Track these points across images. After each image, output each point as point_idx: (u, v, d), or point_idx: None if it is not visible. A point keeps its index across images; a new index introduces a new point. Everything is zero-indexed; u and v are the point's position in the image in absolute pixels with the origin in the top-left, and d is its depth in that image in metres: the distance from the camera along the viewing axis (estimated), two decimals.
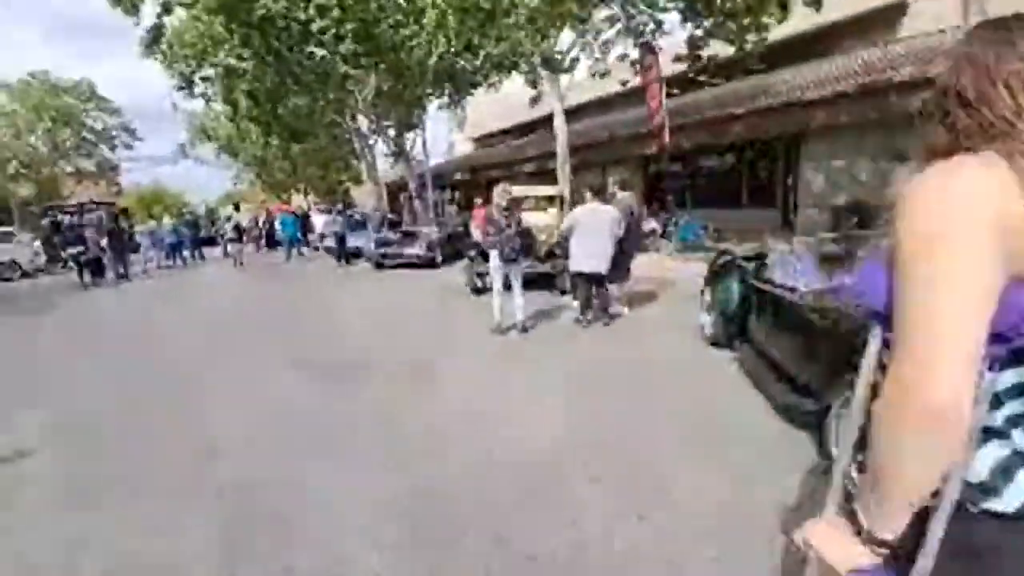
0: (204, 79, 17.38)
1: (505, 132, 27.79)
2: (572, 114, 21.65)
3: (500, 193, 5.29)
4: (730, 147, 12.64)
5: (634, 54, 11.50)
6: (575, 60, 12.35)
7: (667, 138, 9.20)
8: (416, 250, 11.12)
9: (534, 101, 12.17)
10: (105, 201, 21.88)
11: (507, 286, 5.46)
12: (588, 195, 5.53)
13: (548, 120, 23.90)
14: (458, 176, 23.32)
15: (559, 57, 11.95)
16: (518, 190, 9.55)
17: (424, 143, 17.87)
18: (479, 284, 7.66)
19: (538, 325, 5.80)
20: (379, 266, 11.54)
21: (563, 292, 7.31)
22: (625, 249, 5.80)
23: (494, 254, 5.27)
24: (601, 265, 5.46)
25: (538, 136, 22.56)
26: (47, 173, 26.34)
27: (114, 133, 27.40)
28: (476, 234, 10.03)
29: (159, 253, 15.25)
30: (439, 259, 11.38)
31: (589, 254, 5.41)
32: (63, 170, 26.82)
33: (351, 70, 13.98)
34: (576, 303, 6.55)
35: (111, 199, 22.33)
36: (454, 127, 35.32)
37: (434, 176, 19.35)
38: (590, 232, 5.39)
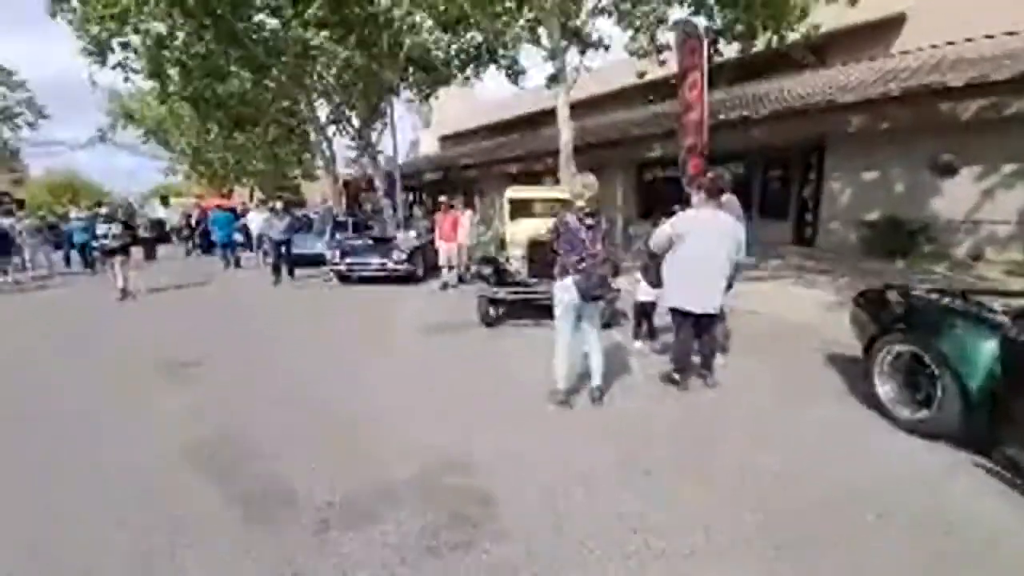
0: (124, 45, 13.94)
1: (475, 131, 25.76)
2: (548, 114, 20.15)
3: (579, 187, 3.22)
4: (740, 153, 11.30)
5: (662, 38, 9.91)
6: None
7: (706, 137, 7.55)
8: (391, 261, 8.80)
9: (552, 79, 10.10)
10: None
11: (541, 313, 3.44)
12: (699, 195, 3.60)
13: (525, 120, 22.28)
14: (428, 176, 20.89)
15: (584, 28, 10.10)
16: (528, 192, 7.56)
17: (394, 135, 15.42)
18: (492, 313, 5.57)
19: (609, 385, 3.80)
20: (344, 279, 9.09)
21: (607, 325, 5.39)
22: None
23: (566, 286, 3.23)
24: (716, 300, 3.57)
25: (519, 136, 20.69)
26: None
27: (17, 110, 22.60)
28: (442, 247, 8.44)
29: (45, 256, 11.83)
30: (420, 271, 9.14)
31: (700, 283, 3.51)
32: None
33: (316, 40, 11.36)
34: (638, 344, 4.67)
35: (3, 191, 18.01)
36: (419, 124, 33.05)
37: (402, 175, 16.92)
38: (703, 250, 3.48)
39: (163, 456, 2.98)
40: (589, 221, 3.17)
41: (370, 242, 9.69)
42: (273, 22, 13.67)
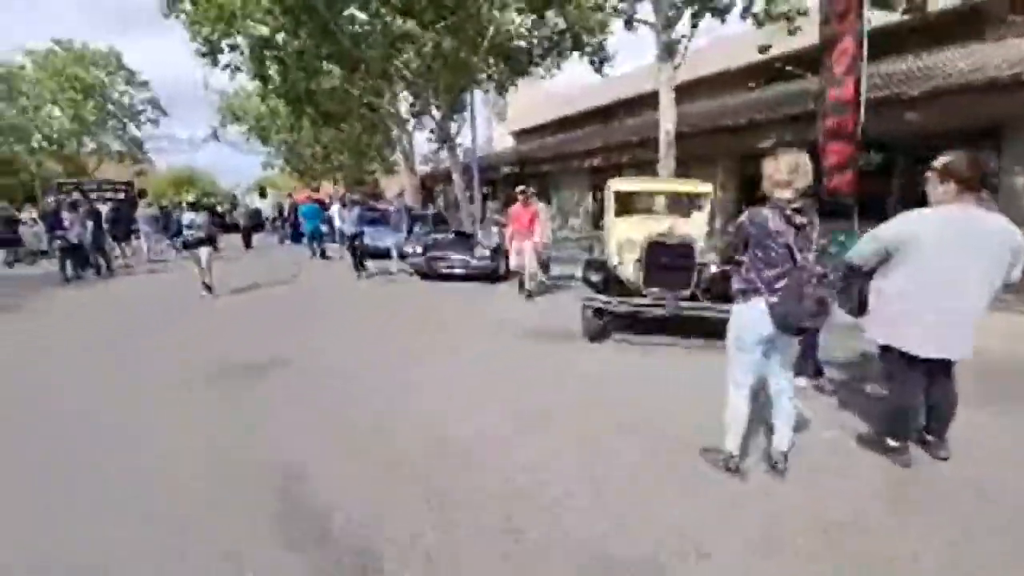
0: (232, 47, 14.60)
1: (549, 125, 24.79)
2: (626, 104, 18.70)
3: (784, 169, 2.17)
4: (883, 142, 9.39)
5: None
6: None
7: (861, 117, 6.09)
8: (474, 258, 8.16)
9: (667, 50, 8.67)
10: (121, 182, 19.44)
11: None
12: (944, 185, 2.44)
13: (602, 112, 20.98)
14: (505, 170, 20.28)
15: None
16: (638, 184, 6.51)
17: (473, 126, 14.90)
18: (597, 322, 4.67)
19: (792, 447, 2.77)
20: (426, 276, 8.60)
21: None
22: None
23: (756, 311, 2.26)
24: (966, 341, 2.43)
25: (596, 128, 19.49)
26: (69, 149, 24.13)
27: (140, 108, 25.03)
28: (516, 247, 7.07)
29: (158, 242, 12.63)
30: (503, 270, 8.42)
31: (944, 315, 2.38)
32: (86, 147, 24.55)
33: (403, 26, 11.03)
34: (802, 381, 3.55)
35: (128, 180, 19.86)
36: (493, 120, 32.66)
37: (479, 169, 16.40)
38: (951, 266, 2.35)
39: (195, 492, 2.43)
40: (799, 219, 2.17)
41: (451, 237, 9.14)
42: (362, 15, 13.65)
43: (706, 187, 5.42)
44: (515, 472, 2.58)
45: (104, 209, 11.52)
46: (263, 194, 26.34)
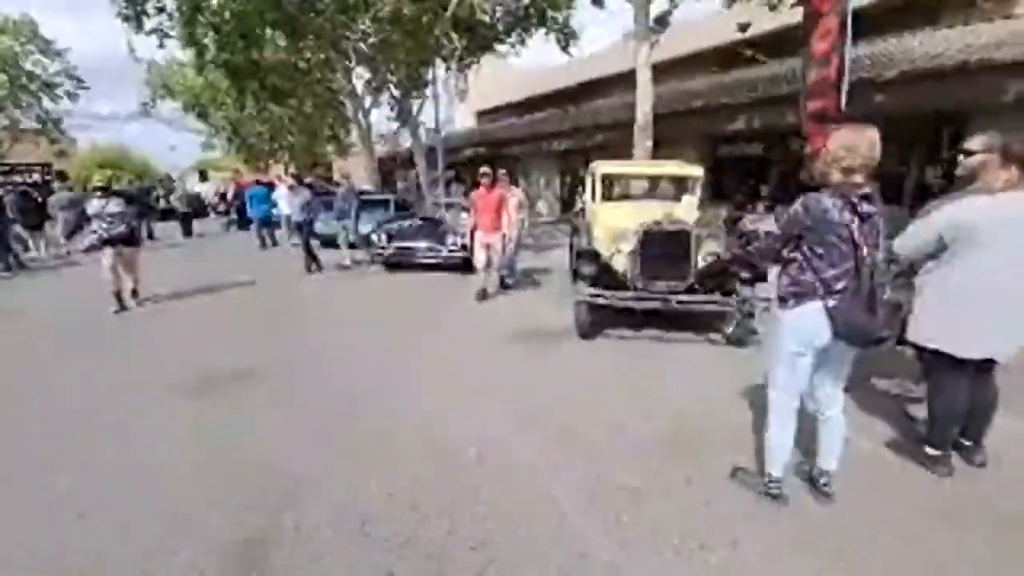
0: (159, 9, 12.89)
1: (511, 107, 24.09)
2: (606, 84, 18.26)
3: (858, 149, 1.82)
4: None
5: None
6: None
7: (843, 100, 5.93)
8: (445, 247, 7.59)
9: (659, 22, 8.06)
10: (36, 163, 17.18)
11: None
12: (1003, 171, 2.14)
13: (566, 93, 20.47)
14: (466, 152, 19.49)
15: None
16: (626, 167, 6.12)
17: (436, 104, 14.07)
18: (591, 318, 4.29)
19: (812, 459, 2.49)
20: (391, 267, 7.95)
21: (738, 342, 4.08)
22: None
23: (810, 317, 1.90)
24: (1017, 341, 2.20)
25: (562, 110, 18.97)
26: None
27: (56, 80, 22.09)
28: (481, 239, 5.90)
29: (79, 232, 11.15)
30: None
31: (998, 311, 2.13)
32: None
33: None
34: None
35: (44, 162, 17.50)
36: (454, 99, 31.41)
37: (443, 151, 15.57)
38: (1009, 257, 2.09)
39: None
40: (867, 208, 1.82)
41: (418, 224, 8.47)
42: None
43: (697, 170, 5.12)
44: (518, 480, 2.15)
45: (9, 197, 9.91)
46: (204, 177, 24.21)
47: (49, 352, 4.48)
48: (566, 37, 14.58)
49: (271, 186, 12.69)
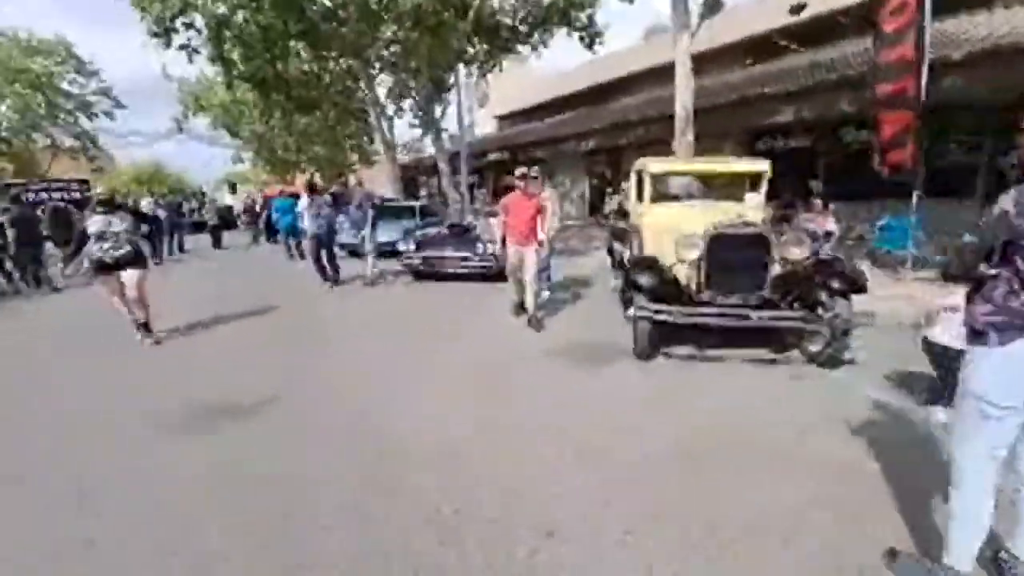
0: (187, 25, 12.99)
1: (533, 110, 23.62)
2: (631, 82, 17.62)
3: None
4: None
5: None
6: None
7: (923, 82, 5.23)
8: (476, 255, 7.16)
9: (711, 9, 7.49)
10: (75, 180, 17.59)
11: None
12: None
13: (590, 93, 19.89)
14: (492, 156, 19.13)
15: None
16: (678, 165, 5.53)
17: (460, 107, 13.77)
18: (654, 337, 3.75)
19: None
20: (419, 276, 7.57)
21: (833, 362, 3.49)
22: None
23: (1018, 352, 1.36)
24: None
25: (585, 111, 18.43)
26: (19, 146, 21.88)
27: (92, 99, 22.77)
28: (514, 252, 5.05)
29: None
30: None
31: None
32: (36, 143, 22.28)
33: None
34: (941, 414, 2.75)
35: (82, 178, 17.95)
36: (475, 104, 31.19)
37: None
38: None
39: None
40: None
41: (447, 231, 8.08)
42: None
43: (763, 164, 4.52)
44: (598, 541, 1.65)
45: (41, 212, 9.95)
46: (233, 189, 24.59)
47: (59, 370, 4.21)
48: (591, 36, 14.14)
49: (297, 196, 12.58)
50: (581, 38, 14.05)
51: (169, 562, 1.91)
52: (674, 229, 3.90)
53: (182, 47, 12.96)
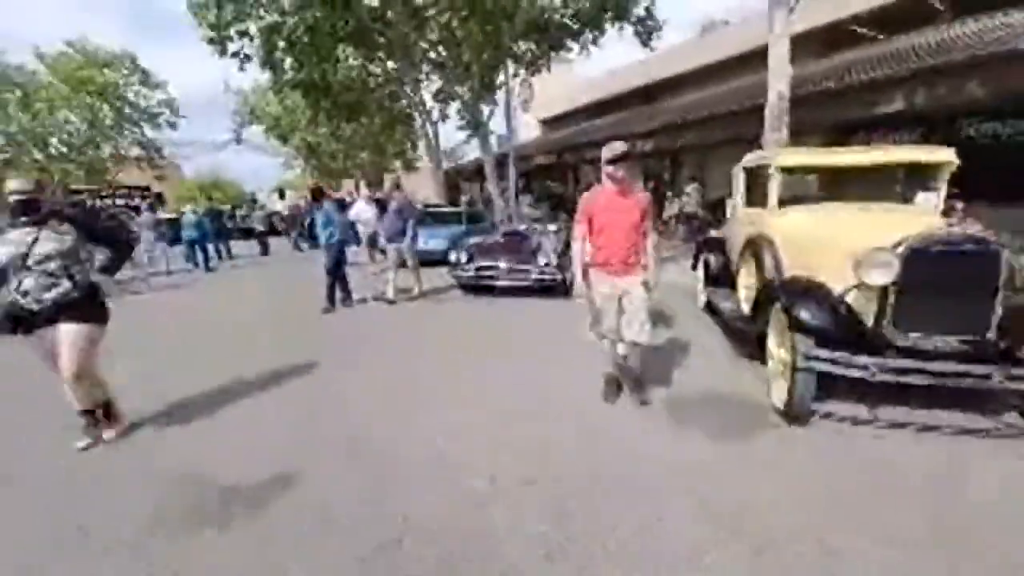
0: (242, 33, 12.93)
1: (578, 112, 22.56)
2: (683, 81, 16.28)
3: None
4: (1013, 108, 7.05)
5: None
6: None
7: None
8: (537, 266, 6.20)
9: None
10: (138, 187, 18.10)
11: None
12: None
13: (636, 94, 18.62)
14: (539, 160, 18.23)
15: None
16: (823, 158, 4.15)
17: (508, 107, 13.01)
18: (809, 396, 2.63)
19: None
20: (474, 290, 6.68)
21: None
22: None
23: None
24: None
25: (637, 111, 17.21)
26: (89, 155, 22.96)
27: (156, 110, 23.61)
28: (594, 280, 2.97)
29: (162, 253, 11.09)
30: (569, 280, 6.43)
31: None
32: (103, 152, 23.30)
33: None
34: None
35: (144, 185, 18.49)
36: (518, 108, 30.45)
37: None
38: None
39: None
40: None
41: (502, 239, 7.17)
42: None
43: (946, 153, 3.30)
44: None
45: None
46: (282, 196, 24.92)
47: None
48: (647, 30, 13.07)
49: (341, 202, 12.12)
50: (637, 32, 13.02)
51: None
52: (841, 241, 2.78)
53: (234, 54, 12.92)
